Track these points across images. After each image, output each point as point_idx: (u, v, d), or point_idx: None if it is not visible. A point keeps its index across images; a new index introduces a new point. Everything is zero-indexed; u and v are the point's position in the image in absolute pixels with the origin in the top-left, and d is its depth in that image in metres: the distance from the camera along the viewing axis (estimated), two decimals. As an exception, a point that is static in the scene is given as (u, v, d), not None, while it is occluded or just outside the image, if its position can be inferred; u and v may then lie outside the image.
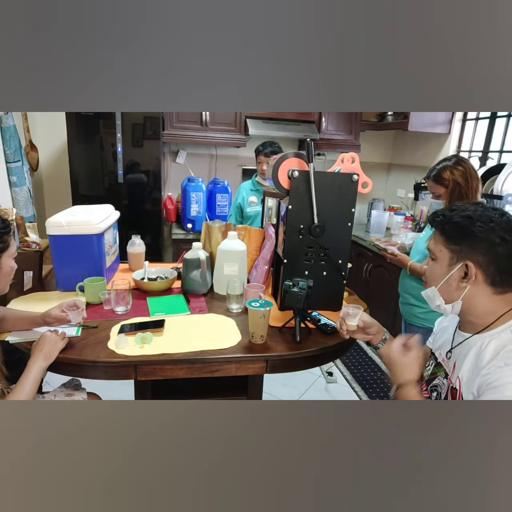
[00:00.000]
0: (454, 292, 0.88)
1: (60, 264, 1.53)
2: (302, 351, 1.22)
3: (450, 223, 0.87)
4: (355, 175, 1.35)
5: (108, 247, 1.65)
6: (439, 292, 0.91)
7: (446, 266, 0.88)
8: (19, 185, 2.57)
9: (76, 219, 1.52)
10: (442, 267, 0.89)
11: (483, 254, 0.83)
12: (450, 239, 0.87)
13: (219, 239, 1.69)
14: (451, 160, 1.60)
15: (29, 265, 1.93)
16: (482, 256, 0.83)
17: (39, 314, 1.23)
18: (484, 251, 0.83)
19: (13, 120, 2.50)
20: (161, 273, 1.72)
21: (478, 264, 0.84)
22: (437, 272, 0.91)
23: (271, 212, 2.06)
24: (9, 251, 1.09)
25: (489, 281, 0.84)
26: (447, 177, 1.57)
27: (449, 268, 0.88)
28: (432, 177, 1.62)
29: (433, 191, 1.64)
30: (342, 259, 1.42)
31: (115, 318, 1.37)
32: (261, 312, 1.18)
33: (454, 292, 0.88)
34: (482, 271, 0.84)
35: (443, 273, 0.89)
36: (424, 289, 0.97)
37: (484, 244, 0.83)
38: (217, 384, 1.48)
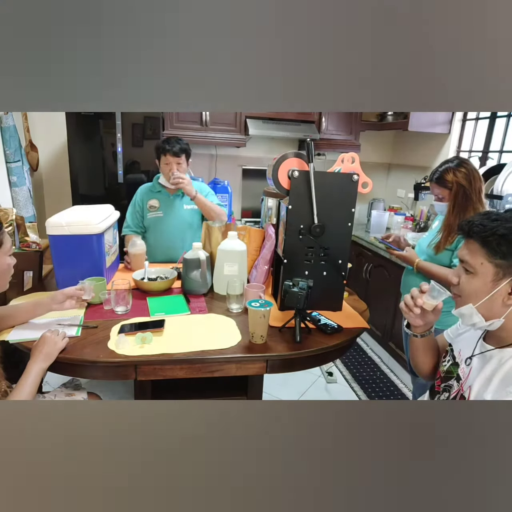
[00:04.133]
0: (498, 309, 0.83)
1: (60, 264, 1.53)
2: (302, 351, 1.22)
3: (495, 235, 0.80)
4: (355, 175, 1.35)
5: (108, 247, 1.65)
6: (479, 309, 0.84)
7: (490, 281, 0.82)
8: (19, 185, 2.57)
9: (76, 219, 1.52)
10: (484, 283, 0.82)
11: None
12: (495, 253, 0.80)
13: (219, 239, 1.69)
14: (453, 162, 1.59)
15: (29, 265, 1.92)
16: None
17: (45, 297, 1.27)
18: None
19: (13, 120, 2.50)
20: (161, 273, 1.72)
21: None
22: (477, 288, 0.83)
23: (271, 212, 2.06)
24: (3, 248, 1.09)
25: None
26: (450, 179, 1.56)
27: (493, 284, 0.81)
28: (435, 179, 1.62)
29: (436, 193, 1.63)
30: (342, 259, 1.42)
31: (115, 318, 1.37)
32: (261, 312, 1.18)
33: (498, 309, 0.83)
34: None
35: (486, 289, 0.82)
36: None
37: None
38: (217, 384, 1.49)
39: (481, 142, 2.88)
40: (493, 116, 2.79)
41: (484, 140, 2.85)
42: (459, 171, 1.56)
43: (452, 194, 1.57)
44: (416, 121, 3.00)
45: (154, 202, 2.08)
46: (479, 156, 2.87)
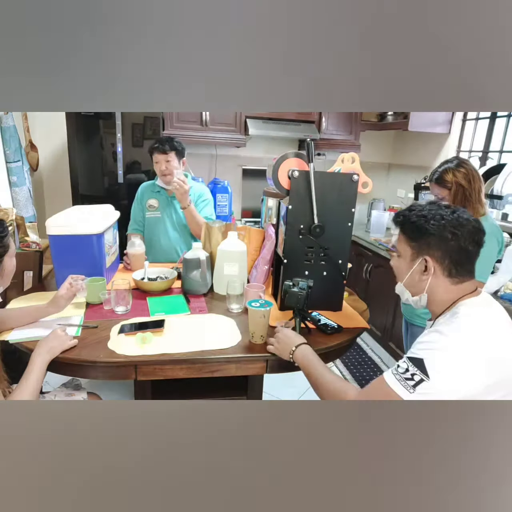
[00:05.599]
0: (417, 284, 0.97)
1: (60, 264, 1.53)
2: (302, 351, 1.22)
3: (408, 222, 0.96)
4: (355, 175, 1.35)
5: (108, 247, 1.65)
6: (405, 286, 1.00)
7: (408, 262, 0.97)
8: (19, 185, 2.57)
9: (76, 219, 1.52)
10: (405, 263, 0.98)
11: (438, 249, 0.91)
12: (409, 237, 0.96)
13: (219, 239, 1.69)
14: (453, 162, 1.60)
15: (29, 265, 1.92)
16: (437, 251, 0.91)
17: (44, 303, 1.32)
18: (439, 246, 0.91)
19: (13, 120, 2.49)
20: (161, 273, 1.72)
21: (435, 258, 0.92)
22: (402, 268, 1.00)
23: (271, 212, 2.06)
24: (10, 251, 1.10)
25: (446, 273, 0.92)
26: (449, 180, 1.57)
27: (411, 263, 0.96)
28: (434, 180, 1.62)
29: (436, 193, 1.64)
30: (342, 259, 1.42)
31: (115, 318, 1.37)
32: (261, 312, 1.18)
33: (418, 285, 0.97)
34: (439, 265, 0.92)
35: (407, 268, 0.98)
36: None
37: (437, 240, 0.91)
38: (217, 384, 1.48)
39: (481, 142, 2.88)
40: (493, 116, 2.79)
41: (484, 140, 2.85)
42: (458, 171, 1.56)
43: (452, 194, 1.57)
44: (416, 121, 3.00)
45: (153, 202, 2.07)
46: (479, 156, 2.87)
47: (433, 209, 0.94)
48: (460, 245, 0.90)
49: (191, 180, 2.13)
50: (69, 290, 1.31)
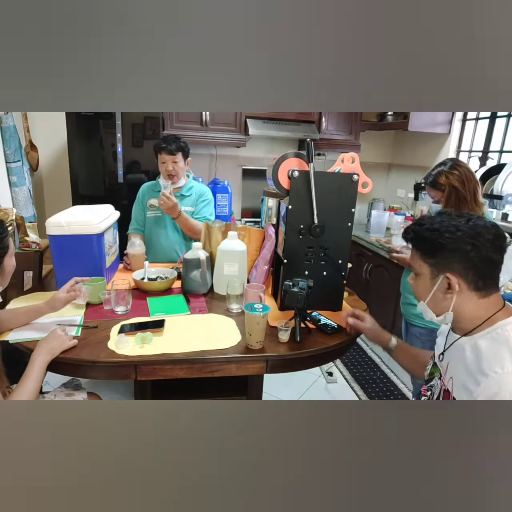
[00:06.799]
0: (442, 304, 0.89)
1: (60, 264, 1.53)
2: (302, 351, 1.22)
3: (421, 238, 0.88)
4: (355, 175, 1.35)
5: (108, 247, 1.65)
6: (428, 306, 0.91)
7: (429, 280, 0.89)
8: (19, 185, 2.57)
9: (76, 219, 1.52)
10: (425, 282, 0.90)
11: (459, 263, 0.84)
12: (425, 254, 0.88)
13: (219, 239, 1.69)
14: (447, 164, 1.62)
15: (29, 265, 1.92)
16: (458, 265, 0.84)
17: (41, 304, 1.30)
18: (459, 260, 0.83)
19: (13, 120, 2.49)
20: (161, 273, 1.72)
21: (457, 273, 0.84)
22: (422, 287, 0.91)
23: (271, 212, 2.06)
24: (10, 251, 1.10)
25: (472, 287, 0.85)
26: (442, 182, 1.60)
27: (432, 282, 0.88)
28: (429, 183, 1.66)
29: (432, 196, 1.68)
30: (342, 259, 1.42)
31: (115, 318, 1.37)
32: (256, 318, 1.16)
33: (442, 304, 0.88)
34: (463, 280, 0.84)
35: (428, 287, 0.89)
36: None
37: (456, 253, 0.83)
38: (217, 384, 1.48)
39: (481, 142, 2.88)
40: (493, 116, 2.79)
41: (484, 140, 2.85)
42: (451, 174, 1.58)
43: (445, 196, 1.59)
44: (416, 121, 3.00)
45: (154, 202, 2.07)
46: (479, 156, 2.87)
47: (445, 220, 0.86)
48: (482, 255, 0.82)
49: (192, 180, 2.14)
50: (68, 295, 1.30)
